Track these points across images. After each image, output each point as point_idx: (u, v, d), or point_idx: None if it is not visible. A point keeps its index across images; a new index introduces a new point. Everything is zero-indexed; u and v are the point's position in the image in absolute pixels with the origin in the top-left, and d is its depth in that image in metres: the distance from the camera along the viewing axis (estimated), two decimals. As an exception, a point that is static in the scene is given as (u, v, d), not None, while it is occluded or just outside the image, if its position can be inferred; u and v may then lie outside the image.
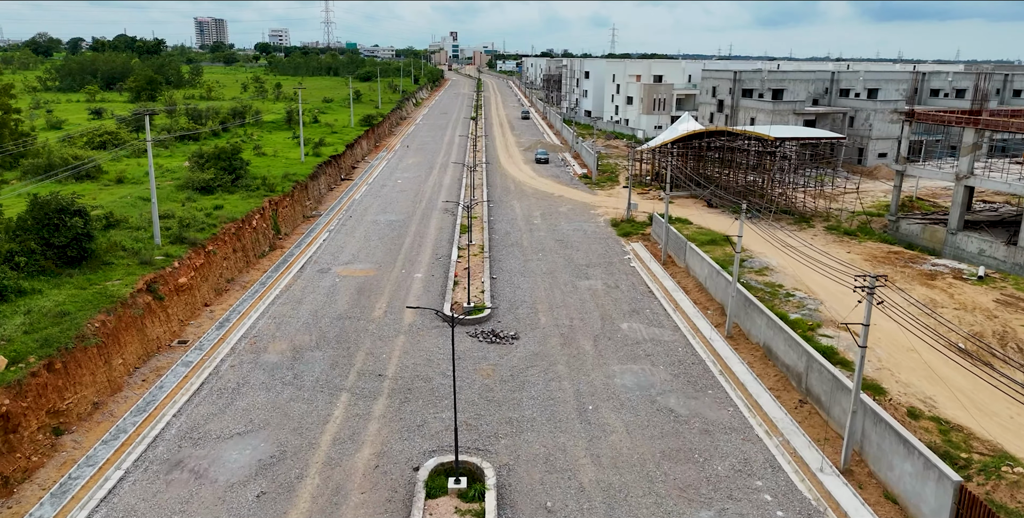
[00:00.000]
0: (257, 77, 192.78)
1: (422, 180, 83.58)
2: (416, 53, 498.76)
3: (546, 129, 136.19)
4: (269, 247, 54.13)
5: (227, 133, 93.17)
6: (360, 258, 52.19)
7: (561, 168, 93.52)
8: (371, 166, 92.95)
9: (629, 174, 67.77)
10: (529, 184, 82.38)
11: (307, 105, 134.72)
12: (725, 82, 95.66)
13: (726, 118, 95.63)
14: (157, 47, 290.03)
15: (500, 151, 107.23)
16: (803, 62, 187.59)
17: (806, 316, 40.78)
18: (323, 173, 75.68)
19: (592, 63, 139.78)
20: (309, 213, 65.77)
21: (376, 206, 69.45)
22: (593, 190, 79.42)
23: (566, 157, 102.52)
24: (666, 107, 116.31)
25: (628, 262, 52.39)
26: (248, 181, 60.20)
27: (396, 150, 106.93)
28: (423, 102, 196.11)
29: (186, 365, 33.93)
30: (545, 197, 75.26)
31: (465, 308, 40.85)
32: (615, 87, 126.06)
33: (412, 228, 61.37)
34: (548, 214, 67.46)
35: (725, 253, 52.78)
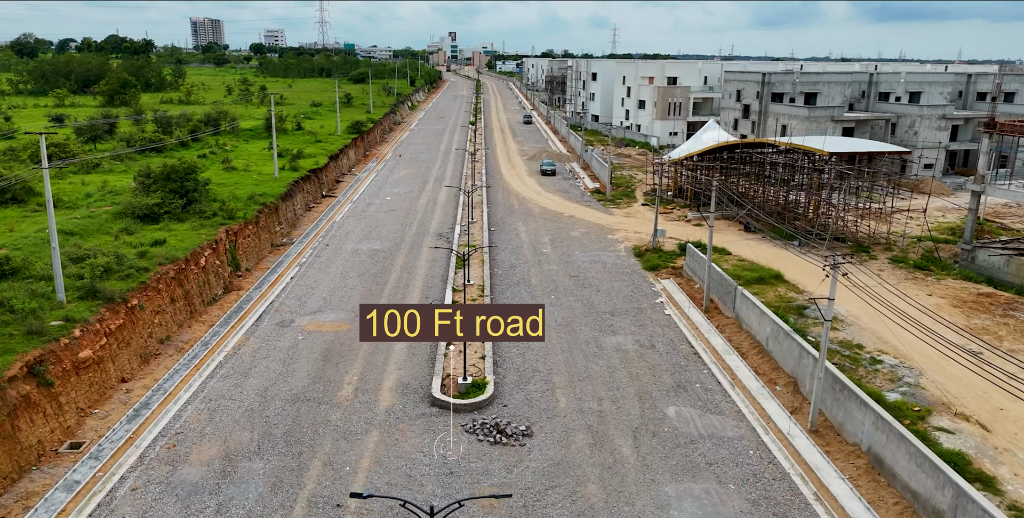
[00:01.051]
0: (245, 79, 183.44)
1: (414, 196, 73.95)
2: (414, 54, 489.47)
3: (550, 135, 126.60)
4: (224, 289, 44.51)
5: (197, 144, 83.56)
6: (332, 304, 42.53)
7: (570, 181, 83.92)
8: (358, 179, 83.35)
9: (656, 195, 58.10)
10: (535, 201, 72.77)
11: (294, 109, 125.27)
12: (751, 85, 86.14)
13: (753, 125, 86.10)
14: (146, 48, 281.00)
15: (501, 161, 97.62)
16: (804, 62, 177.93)
17: (907, 395, 31.18)
18: (300, 191, 66.04)
19: (600, 64, 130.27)
20: (279, 240, 56.14)
21: (359, 231, 59.80)
22: (608, 208, 69.82)
23: (574, 168, 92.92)
24: (682, 112, 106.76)
25: (661, 308, 42.76)
26: (204, 206, 50.56)
27: (387, 160, 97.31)
28: (419, 105, 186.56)
29: (69, 488, 24.31)
30: (554, 218, 65.65)
31: (460, 384, 31.26)
32: (625, 90, 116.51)
33: (399, 260, 51.75)
34: (559, 240, 57.85)
35: (780, 296, 43.20)
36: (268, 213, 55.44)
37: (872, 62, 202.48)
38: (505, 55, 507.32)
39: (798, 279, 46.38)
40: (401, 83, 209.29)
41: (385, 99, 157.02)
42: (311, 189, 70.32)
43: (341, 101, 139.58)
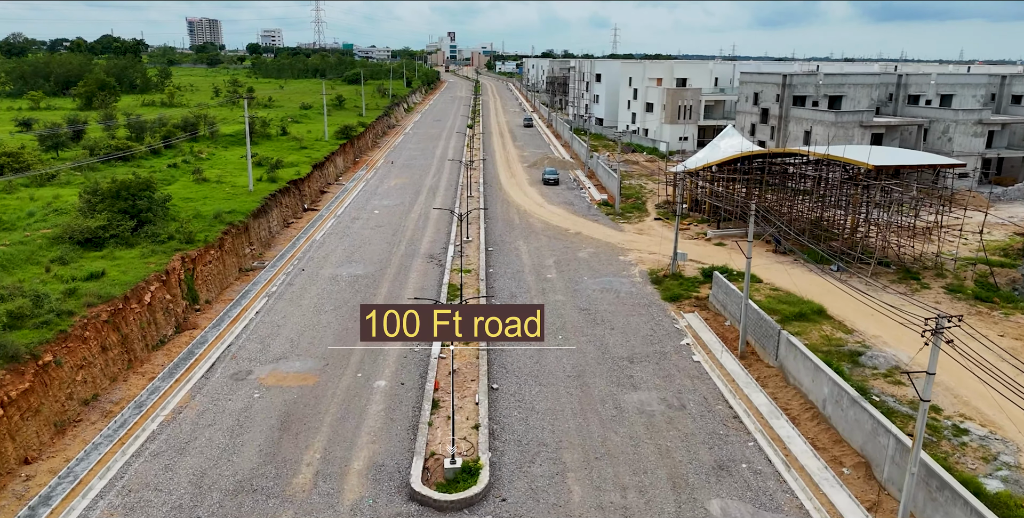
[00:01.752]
0: (235, 80, 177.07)
1: (405, 209, 67.53)
2: (412, 54, 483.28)
3: (552, 140, 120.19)
4: (176, 328, 38.11)
5: (170, 151, 77.12)
6: (300, 347, 36.12)
7: (574, 191, 77.50)
8: (345, 190, 76.91)
9: (675, 213, 51.76)
10: (537, 215, 66.35)
11: (281, 113, 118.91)
12: (771, 87, 79.76)
13: (772, 130, 79.70)
14: (136, 48, 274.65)
15: (500, 168, 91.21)
16: (805, 62, 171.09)
17: (1009, 482, 24.79)
18: (277, 205, 59.60)
19: (605, 65, 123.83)
20: (249, 264, 49.72)
21: (340, 251, 53.37)
22: (618, 223, 63.41)
23: (578, 176, 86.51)
24: (692, 115, 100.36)
25: (688, 352, 36.37)
26: (159, 227, 44.14)
27: (378, 168, 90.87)
28: (416, 107, 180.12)
29: None
30: (559, 235, 59.24)
31: (447, 469, 24.84)
32: (631, 92, 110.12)
33: (383, 288, 45.34)
34: (565, 262, 51.44)
35: (826, 337, 36.85)
36: (236, 234, 48.98)
37: (873, 62, 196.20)
38: (504, 55, 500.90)
39: (843, 313, 40.00)
40: (397, 84, 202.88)
41: (379, 101, 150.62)
42: (291, 202, 63.87)
43: (332, 104, 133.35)
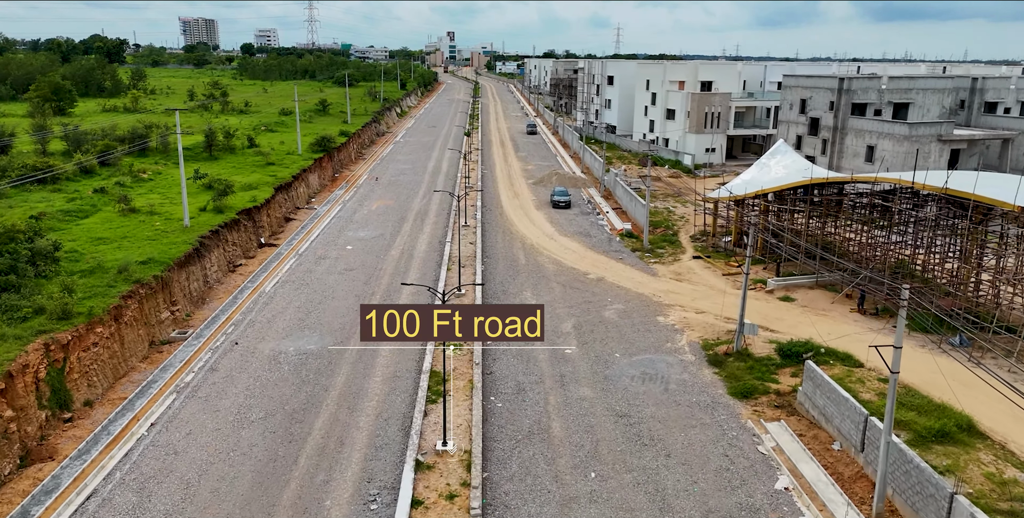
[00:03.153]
0: (215, 82, 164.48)
1: (384, 244, 55.05)
2: (410, 54, 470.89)
3: (559, 150, 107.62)
4: (21, 460, 25.60)
5: (106, 169, 64.60)
6: (198, 505, 23.59)
7: (590, 217, 64.96)
8: (316, 215, 64.36)
9: (745, 268, 39.54)
10: (547, 251, 53.87)
11: (258, 119, 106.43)
12: (822, 93, 67.25)
13: (824, 144, 67.19)
14: (120, 48, 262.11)
15: (502, 186, 78.67)
16: (807, 63, 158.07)
17: None
18: (218, 245, 47.08)
19: (618, 66, 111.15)
20: (167, 335, 37.23)
21: (293, 311, 40.87)
22: (648, 263, 50.97)
23: (593, 197, 73.98)
24: (720, 124, 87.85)
25: (789, 503, 23.84)
26: (25, 295, 31.65)
27: (359, 186, 78.29)
28: (410, 111, 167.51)
29: None
30: (576, 281, 46.75)
31: None
32: (649, 97, 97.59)
33: (339, 378, 32.83)
34: (588, 326, 38.96)
35: (990, 476, 24.38)
36: (148, 295, 36.47)
37: (877, 62, 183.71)
38: (505, 56, 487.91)
39: (1002, 425, 27.53)
40: (391, 86, 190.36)
41: (369, 105, 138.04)
42: (241, 238, 51.31)
43: (315, 109, 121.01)
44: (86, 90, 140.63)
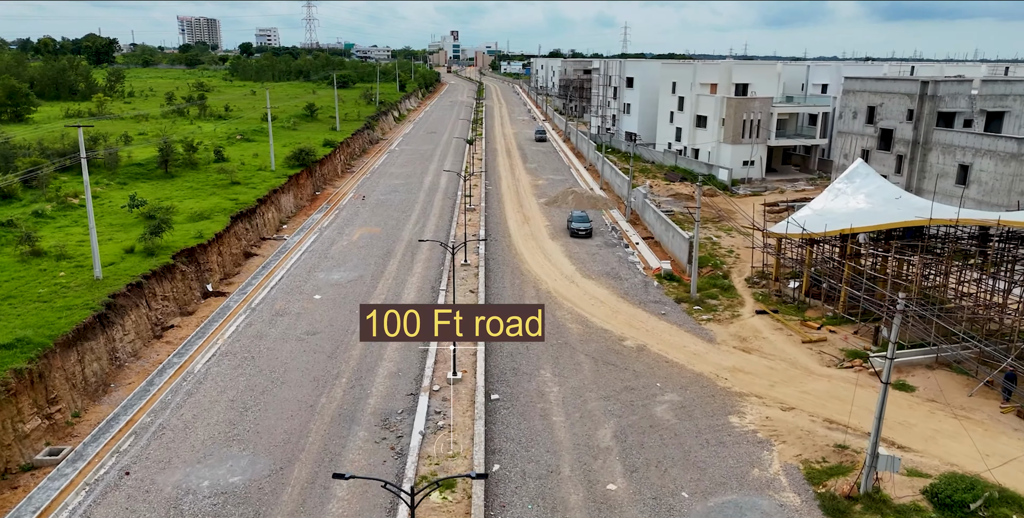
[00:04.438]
0: (200, 84, 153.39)
1: (364, 290, 43.69)
2: (413, 54, 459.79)
3: (572, 161, 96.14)
4: None
5: (34, 192, 53.37)
6: None
7: (616, 250, 53.52)
8: (284, 248, 53.00)
9: (890, 342, 28.35)
10: (568, 301, 42.46)
11: (236, 126, 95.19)
12: (898, 99, 55.73)
13: (899, 161, 55.64)
14: (109, 47, 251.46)
15: (508, 207, 67.24)
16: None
17: None
18: (134, 308, 35.72)
19: (639, 66, 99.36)
20: (30, 458, 25.87)
21: (222, 409, 29.51)
22: (699, 321, 39.60)
23: (617, 222, 62.52)
24: (760, 133, 76.31)
25: None
26: None
27: (343, 207, 66.89)
28: (409, 115, 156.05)
29: None
30: (610, 352, 35.34)
31: None
32: (675, 101, 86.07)
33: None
34: (633, 438, 27.57)
35: None
36: (2, 402, 25.17)
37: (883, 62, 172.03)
38: (510, 55, 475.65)
39: None
40: (389, 88, 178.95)
41: (363, 109, 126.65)
42: (177, 290, 39.97)
43: (302, 115, 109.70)
44: (57, 93, 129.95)
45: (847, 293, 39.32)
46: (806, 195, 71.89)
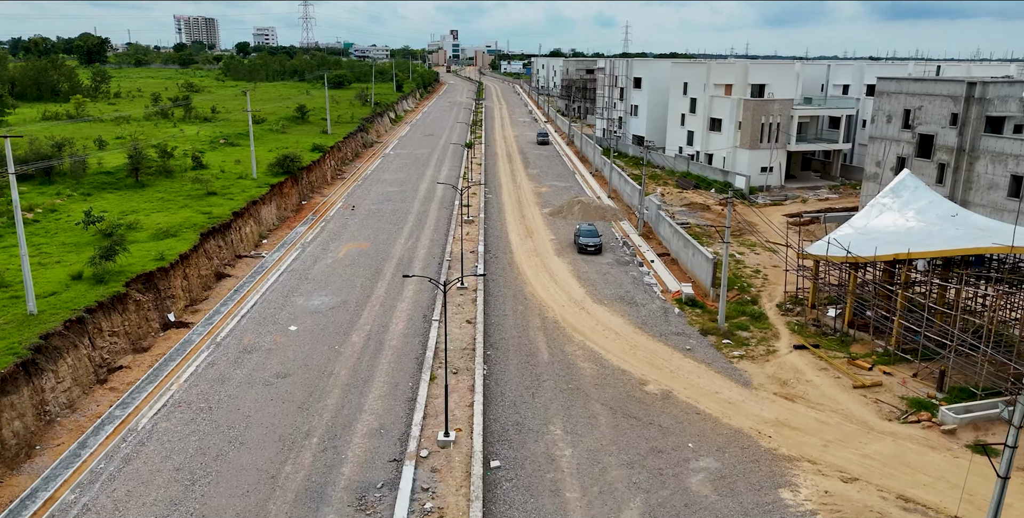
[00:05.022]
0: (190, 85, 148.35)
1: (348, 320, 38.52)
2: (412, 53, 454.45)
3: (577, 166, 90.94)
4: None
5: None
6: None
7: (629, 269, 48.29)
8: (262, 267, 47.78)
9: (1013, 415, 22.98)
10: (579, 333, 37.28)
11: (225, 128, 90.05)
12: (939, 102, 50.57)
13: (941, 170, 50.48)
14: (101, 47, 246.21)
15: (510, 218, 62.07)
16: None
17: None
18: (72, 349, 30.50)
19: (647, 65, 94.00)
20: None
21: (163, 481, 24.31)
22: (729, 356, 34.46)
23: (628, 235, 57.35)
24: (779, 137, 71.12)
25: None
26: None
27: (330, 218, 61.71)
28: (405, 116, 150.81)
29: None
30: (630, 399, 30.17)
31: None
32: (687, 103, 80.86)
33: None
34: (662, 514, 22.47)
35: None
36: None
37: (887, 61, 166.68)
38: (510, 54, 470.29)
39: None
40: (386, 88, 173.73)
41: (357, 111, 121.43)
42: (130, 323, 34.75)
43: (292, 117, 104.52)
44: (39, 94, 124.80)
45: (900, 326, 34.17)
46: (830, 205, 66.74)
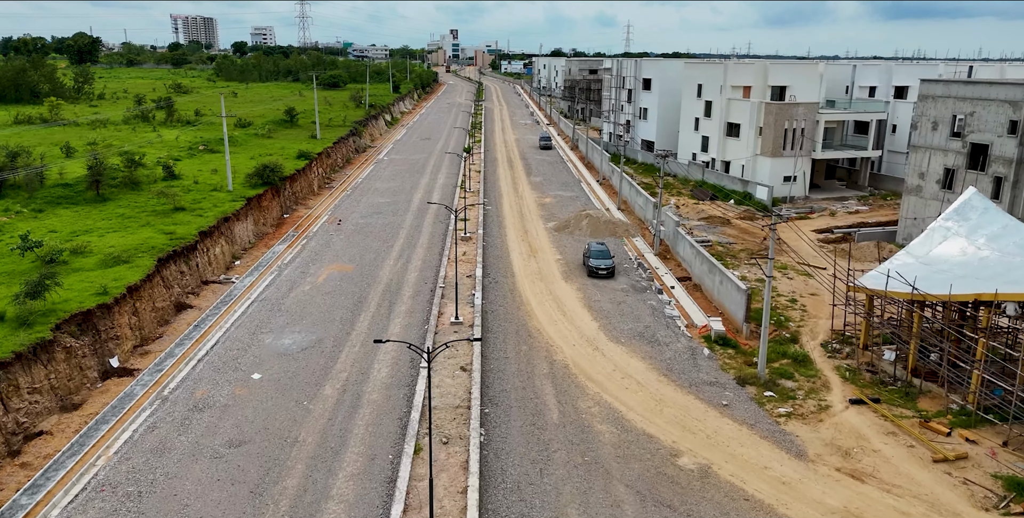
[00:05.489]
0: (178, 85, 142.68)
1: (322, 365, 32.80)
2: (411, 53, 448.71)
3: (583, 173, 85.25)
4: None
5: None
6: None
7: (646, 297, 42.52)
8: (230, 295, 41.99)
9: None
10: (593, 383, 31.56)
11: (207, 133, 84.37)
12: (994, 107, 44.89)
13: (998, 184, 44.77)
14: (92, 46, 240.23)
15: (511, 233, 56.40)
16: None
17: None
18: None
19: (658, 66, 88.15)
20: None
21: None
22: (773, 414, 28.76)
23: (642, 255, 51.62)
24: (803, 144, 65.42)
25: None
26: None
27: (312, 235, 55.98)
28: (402, 119, 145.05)
29: None
30: (659, 478, 24.48)
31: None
32: (702, 106, 75.17)
33: None
34: None
35: None
36: None
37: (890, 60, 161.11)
38: (511, 54, 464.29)
39: None
40: (382, 89, 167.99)
41: (351, 113, 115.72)
42: (55, 376, 28.96)
43: (280, 120, 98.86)
44: (17, 95, 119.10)
45: (980, 379, 28.47)
46: (862, 218, 61.03)
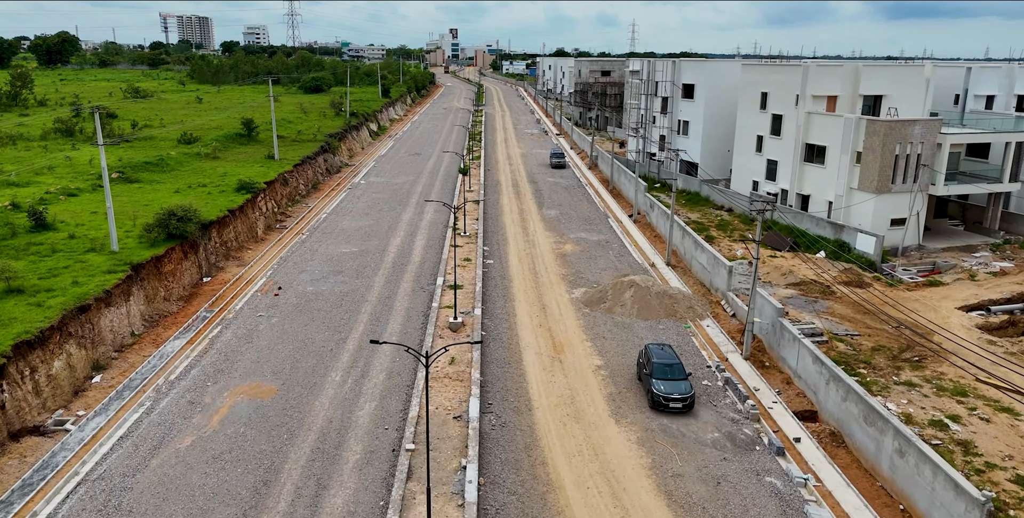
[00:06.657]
0: (136, 89, 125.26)
1: None
2: (409, 53, 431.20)
3: (608, 203, 67.58)
4: None
5: None
6: None
7: (755, 462, 24.98)
8: (43, 469, 24.59)
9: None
10: None
11: (141, 154, 66.90)
12: None
13: None
14: (63, 46, 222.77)
15: (521, 311, 38.77)
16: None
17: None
18: None
19: (702, 69, 69.95)
20: None
21: None
22: None
23: (720, 350, 33.98)
24: (919, 175, 47.87)
25: None
26: None
27: (236, 316, 38.31)
28: (391, 127, 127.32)
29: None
30: None
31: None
32: (767, 121, 57.64)
33: None
34: None
35: None
36: None
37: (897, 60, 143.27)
38: (512, 54, 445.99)
39: None
40: (370, 92, 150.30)
41: (327, 122, 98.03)
42: None
43: (236, 134, 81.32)
44: None
45: None
46: (1018, 283, 43.44)
